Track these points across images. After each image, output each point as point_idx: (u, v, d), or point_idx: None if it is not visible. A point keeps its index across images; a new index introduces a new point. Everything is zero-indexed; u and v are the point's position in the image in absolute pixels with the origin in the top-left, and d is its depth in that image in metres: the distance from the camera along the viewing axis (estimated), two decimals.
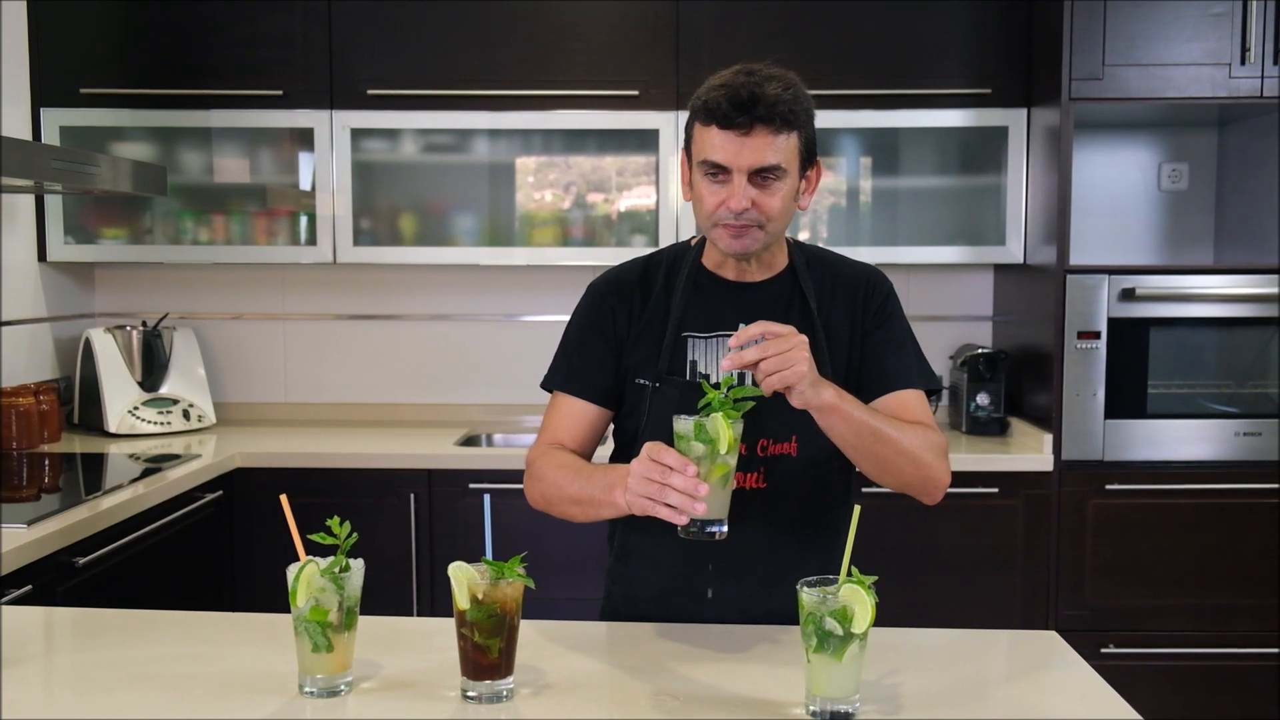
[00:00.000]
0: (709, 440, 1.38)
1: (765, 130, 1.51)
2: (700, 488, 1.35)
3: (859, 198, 3.35)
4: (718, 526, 1.42)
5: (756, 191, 1.54)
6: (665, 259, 1.74)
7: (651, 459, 1.38)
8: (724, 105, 1.51)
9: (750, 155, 1.52)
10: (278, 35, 3.23)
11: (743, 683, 1.39)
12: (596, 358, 1.69)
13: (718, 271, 1.70)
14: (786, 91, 1.52)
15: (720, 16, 3.20)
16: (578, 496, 1.55)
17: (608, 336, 1.69)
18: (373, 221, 3.36)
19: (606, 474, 1.50)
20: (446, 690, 1.35)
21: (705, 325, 1.67)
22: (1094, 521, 2.99)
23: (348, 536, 1.32)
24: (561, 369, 1.73)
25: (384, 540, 2.99)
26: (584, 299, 1.75)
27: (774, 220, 1.57)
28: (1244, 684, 3.00)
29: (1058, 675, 1.47)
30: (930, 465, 1.57)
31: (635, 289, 1.71)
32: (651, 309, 1.69)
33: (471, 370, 3.62)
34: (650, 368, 1.67)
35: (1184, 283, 2.99)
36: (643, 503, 1.39)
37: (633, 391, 1.68)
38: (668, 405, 1.62)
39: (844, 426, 1.49)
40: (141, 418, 3.26)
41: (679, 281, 1.69)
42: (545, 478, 1.61)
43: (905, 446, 1.54)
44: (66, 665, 1.51)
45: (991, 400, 3.26)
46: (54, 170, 2.49)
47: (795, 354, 1.40)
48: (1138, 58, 2.95)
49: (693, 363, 1.67)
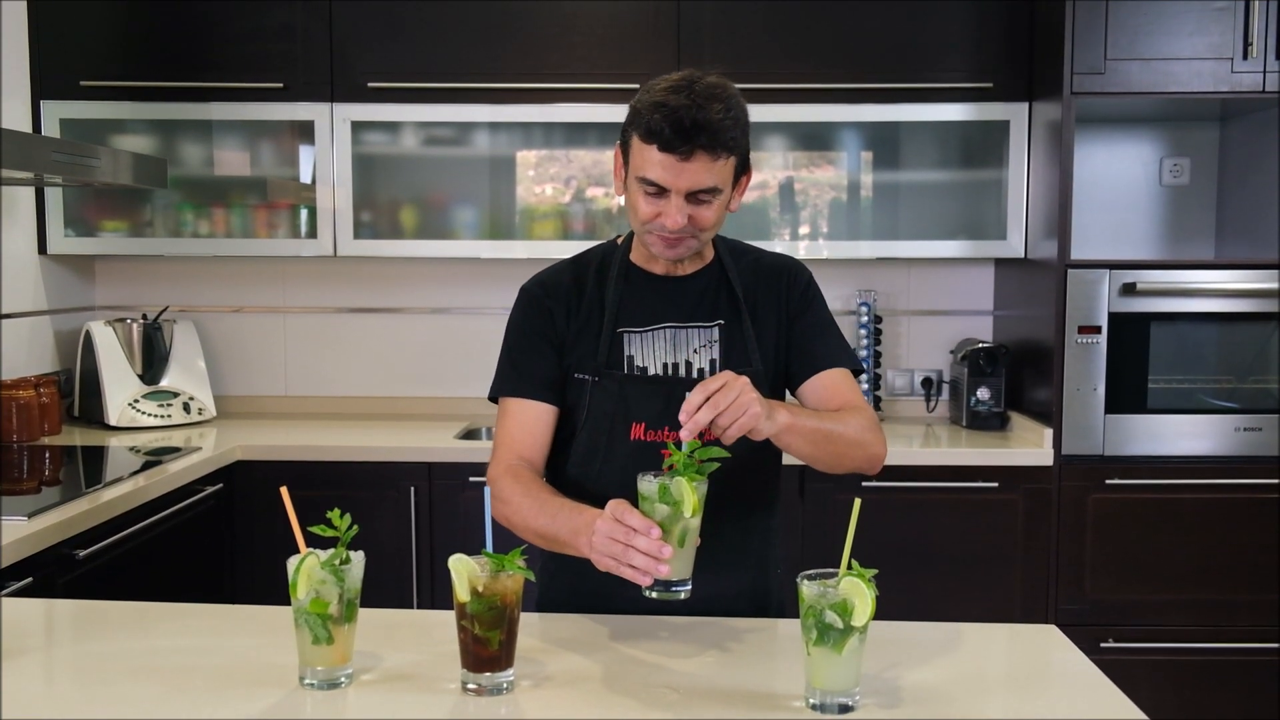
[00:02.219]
0: (673, 503, 1.38)
1: (705, 157, 1.54)
2: (664, 549, 1.34)
3: (860, 192, 3.35)
4: (682, 586, 1.42)
5: (692, 207, 1.58)
6: (594, 258, 1.77)
7: (616, 519, 1.38)
8: (666, 131, 1.51)
9: (688, 179, 1.55)
10: (278, 28, 3.22)
11: (742, 676, 1.40)
12: (541, 357, 1.70)
13: (647, 267, 1.74)
14: (728, 115, 1.53)
15: (721, 9, 3.19)
16: (543, 532, 1.55)
17: (548, 336, 1.71)
18: (373, 214, 3.36)
19: (572, 517, 1.49)
20: (447, 682, 1.35)
21: (640, 319, 1.70)
22: (1094, 516, 2.99)
23: (348, 529, 1.32)
24: (508, 375, 1.72)
25: (384, 533, 2.99)
26: (518, 304, 1.75)
27: (707, 230, 1.63)
28: (1244, 679, 3.01)
29: (1057, 670, 1.47)
30: (870, 444, 1.64)
31: (570, 288, 1.73)
32: (587, 307, 1.71)
33: (472, 363, 3.62)
34: (589, 363, 1.69)
35: (1185, 278, 2.99)
36: (607, 561, 1.39)
37: (573, 387, 1.70)
38: (607, 399, 1.67)
39: (800, 440, 1.54)
40: (142, 410, 3.26)
41: (610, 279, 1.72)
42: (510, 502, 1.60)
43: (851, 437, 1.60)
44: (67, 657, 1.51)
45: (992, 395, 3.26)
46: (54, 163, 2.49)
47: (744, 399, 1.42)
48: (1140, 52, 2.94)
49: (629, 356, 1.69)
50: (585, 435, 1.69)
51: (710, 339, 1.70)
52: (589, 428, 1.68)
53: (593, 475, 1.67)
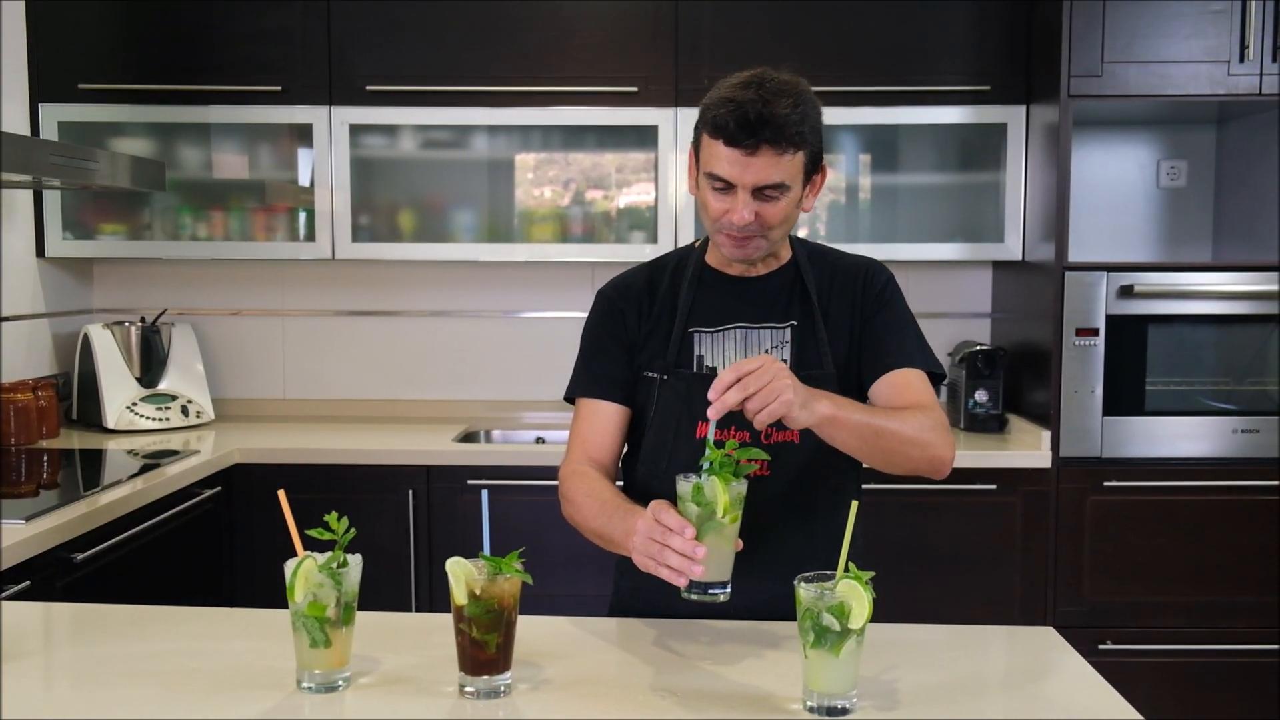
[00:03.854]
0: (706, 503, 1.38)
1: (770, 151, 1.53)
2: (698, 550, 1.34)
3: (858, 194, 3.35)
4: (720, 589, 1.41)
5: (759, 204, 1.57)
6: (670, 262, 1.78)
7: (654, 518, 1.38)
8: (731, 125, 1.51)
9: (755, 174, 1.54)
10: (277, 31, 3.23)
11: (740, 678, 1.40)
12: (613, 359, 1.72)
13: (722, 269, 1.73)
14: (795, 111, 1.52)
15: (720, 12, 3.19)
16: (599, 532, 1.58)
17: (620, 339, 1.72)
18: (372, 217, 3.36)
19: (625, 517, 1.50)
20: (444, 686, 1.35)
21: (711, 320, 1.70)
22: (1092, 518, 3.00)
23: (345, 532, 1.32)
24: (581, 377, 1.75)
25: (382, 536, 2.99)
26: (594, 307, 1.78)
27: (776, 229, 1.60)
28: (1242, 681, 3.01)
29: (1055, 672, 1.47)
30: (933, 444, 1.57)
31: (643, 291, 1.74)
32: (659, 308, 1.72)
33: (470, 367, 3.62)
34: (659, 362, 1.70)
35: (1182, 280, 2.99)
36: (645, 561, 1.39)
37: (643, 386, 1.71)
38: (675, 397, 1.67)
39: (845, 434, 1.50)
40: (140, 414, 3.26)
41: (685, 280, 1.73)
42: (574, 502, 1.64)
43: (908, 435, 1.54)
44: (65, 661, 1.51)
45: (990, 397, 3.26)
46: (52, 166, 2.49)
47: (776, 384, 1.39)
48: (1137, 55, 2.95)
49: (699, 356, 1.69)
50: (653, 434, 1.69)
51: (782, 339, 1.68)
52: (656, 426, 1.69)
53: (660, 474, 1.66)
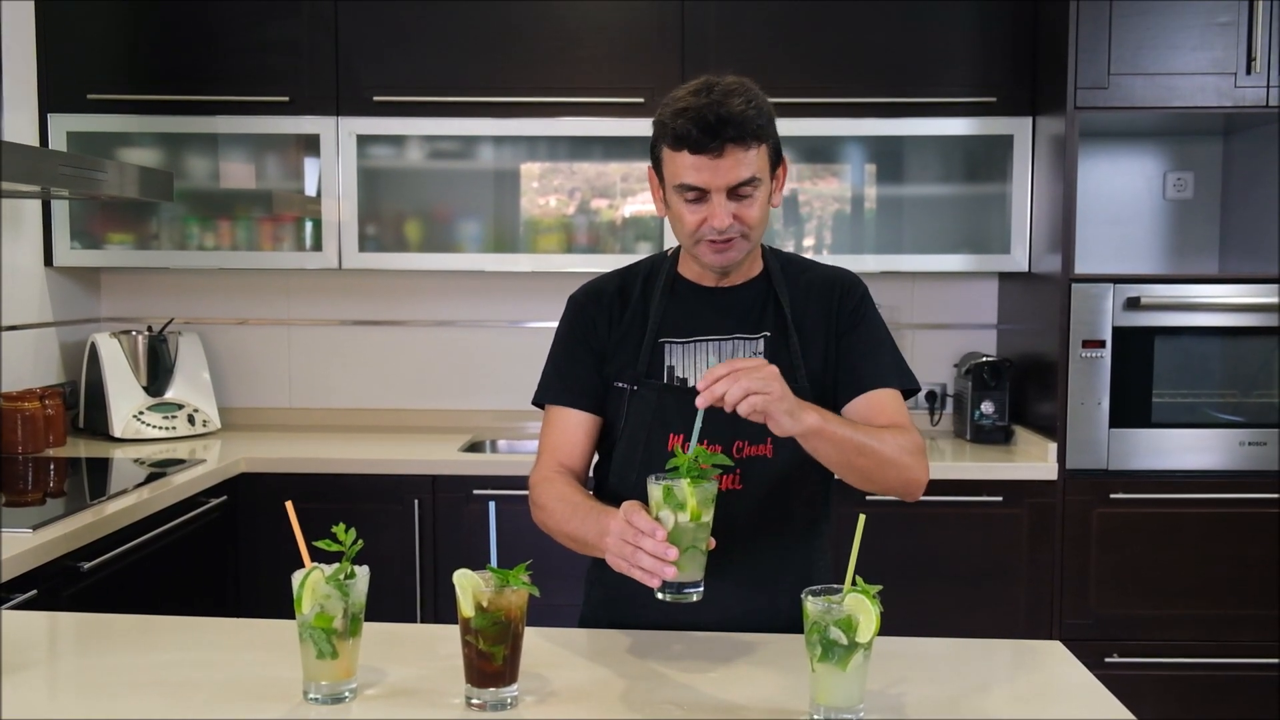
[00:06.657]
0: (677, 505, 1.39)
1: (736, 149, 1.53)
2: (669, 551, 1.36)
3: (864, 205, 3.35)
4: (693, 589, 1.42)
5: (735, 205, 1.57)
6: (643, 269, 1.77)
7: (626, 520, 1.40)
8: (693, 132, 1.52)
9: (726, 175, 1.55)
10: (284, 42, 3.24)
11: (747, 691, 1.39)
12: (584, 366, 1.72)
13: (694, 279, 1.73)
14: (751, 106, 1.54)
15: (725, 24, 3.20)
16: (572, 535, 1.58)
17: (591, 345, 1.72)
18: (378, 227, 3.36)
19: (599, 519, 1.51)
20: (451, 698, 1.35)
21: (682, 330, 1.70)
22: (1098, 531, 2.99)
23: (353, 544, 1.32)
24: (552, 382, 1.74)
25: (388, 546, 2.99)
26: (565, 312, 1.77)
27: (755, 228, 1.61)
28: (1248, 695, 2.99)
29: (1061, 685, 1.46)
30: (910, 467, 1.58)
31: (614, 297, 1.74)
32: (630, 316, 1.72)
33: (476, 376, 3.62)
34: (629, 372, 1.69)
35: (1189, 292, 2.99)
36: (618, 563, 1.41)
37: (612, 396, 1.70)
38: (645, 408, 1.66)
39: (829, 447, 1.50)
40: (146, 422, 3.27)
41: (656, 289, 1.72)
42: (546, 507, 1.64)
43: (887, 455, 1.55)
44: (70, 670, 1.51)
45: (996, 408, 3.25)
46: (61, 176, 2.50)
47: (769, 381, 1.41)
48: (1143, 67, 2.95)
49: (670, 367, 1.69)
50: (623, 444, 1.69)
51: (754, 351, 1.68)
52: (626, 437, 1.68)
53: (630, 485, 1.66)
